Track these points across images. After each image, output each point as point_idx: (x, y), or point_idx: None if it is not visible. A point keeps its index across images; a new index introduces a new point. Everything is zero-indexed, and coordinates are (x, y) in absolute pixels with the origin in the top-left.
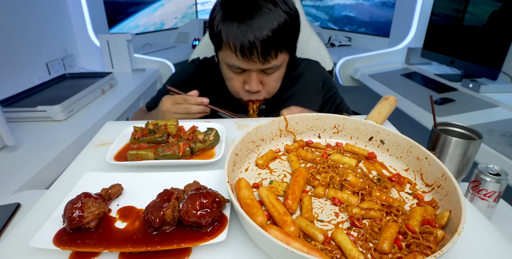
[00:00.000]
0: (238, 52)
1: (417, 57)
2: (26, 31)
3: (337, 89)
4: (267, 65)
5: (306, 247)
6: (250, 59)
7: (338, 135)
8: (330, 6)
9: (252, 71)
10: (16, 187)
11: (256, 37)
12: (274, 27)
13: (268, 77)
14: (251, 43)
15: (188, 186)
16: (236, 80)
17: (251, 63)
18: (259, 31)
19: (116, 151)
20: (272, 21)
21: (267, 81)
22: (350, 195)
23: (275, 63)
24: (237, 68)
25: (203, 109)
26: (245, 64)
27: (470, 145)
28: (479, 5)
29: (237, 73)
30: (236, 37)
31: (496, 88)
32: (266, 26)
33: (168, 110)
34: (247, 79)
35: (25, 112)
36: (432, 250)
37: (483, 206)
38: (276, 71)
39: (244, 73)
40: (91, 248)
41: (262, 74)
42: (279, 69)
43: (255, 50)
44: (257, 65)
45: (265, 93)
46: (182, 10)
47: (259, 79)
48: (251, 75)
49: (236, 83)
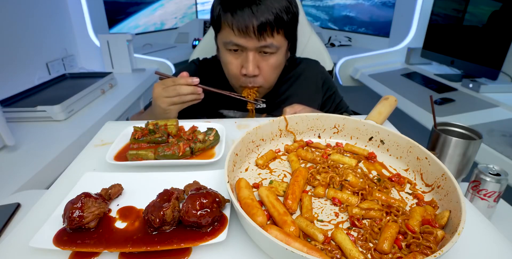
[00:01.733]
0: (235, 27)
1: (417, 57)
2: (26, 31)
3: (336, 88)
4: (263, 42)
5: (306, 247)
6: (246, 33)
7: (338, 135)
8: (330, 6)
9: (249, 50)
10: (16, 187)
11: (253, 11)
12: (274, 9)
13: (265, 61)
14: (248, 19)
15: (188, 186)
16: (233, 64)
17: (247, 38)
18: (257, 10)
19: (116, 151)
20: (273, 4)
21: (264, 66)
22: (350, 195)
23: (271, 41)
24: (234, 45)
25: (193, 89)
26: (241, 39)
27: (470, 145)
28: (479, 5)
29: (234, 54)
30: (234, 12)
31: (496, 88)
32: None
33: (159, 95)
34: (244, 63)
35: (25, 112)
36: (432, 250)
37: (483, 206)
38: (274, 56)
39: (242, 54)
40: (91, 248)
41: (259, 56)
42: (277, 53)
43: (251, 25)
44: (253, 41)
45: (262, 79)
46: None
47: (256, 62)
48: (248, 56)
49: (233, 67)
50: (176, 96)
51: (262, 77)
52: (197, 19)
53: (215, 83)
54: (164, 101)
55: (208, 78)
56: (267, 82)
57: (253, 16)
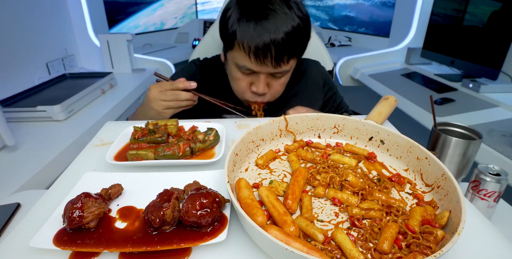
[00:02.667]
0: (252, 54)
1: (417, 57)
2: (26, 31)
3: (337, 88)
4: (278, 69)
5: (306, 247)
6: (263, 62)
7: (338, 135)
8: (330, 6)
9: (262, 73)
10: (16, 187)
11: (272, 40)
12: (289, 31)
13: (276, 81)
14: (266, 46)
15: (188, 186)
16: (243, 81)
17: (263, 66)
18: (274, 34)
19: (116, 151)
20: (287, 25)
21: (274, 85)
22: (350, 195)
23: (285, 68)
24: (247, 70)
25: (191, 96)
26: (257, 67)
27: (470, 145)
28: (479, 5)
29: (246, 74)
30: (252, 39)
31: (496, 88)
32: (281, 29)
33: (155, 97)
34: (255, 81)
35: (25, 112)
36: (432, 250)
37: (483, 206)
38: (284, 76)
39: (253, 75)
40: (91, 248)
41: (270, 77)
42: (287, 73)
43: (269, 54)
44: (268, 69)
45: (269, 96)
46: (182, 10)
47: (266, 82)
48: (260, 78)
49: (242, 84)
50: (173, 100)
51: (270, 94)
52: (197, 19)
53: (216, 84)
54: (160, 104)
55: (209, 79)
56: (274, 97)
57: (272, 47)
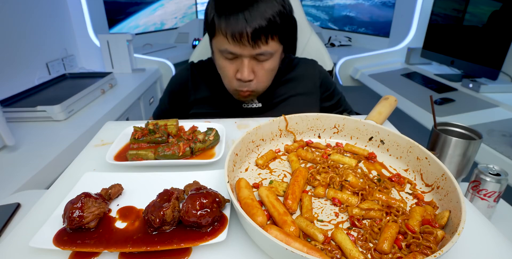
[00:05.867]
0: (229, 36)
1: (417, 57)
2: (26, 31)
3: (335, 85)
4: (257, 50)
5: (306, 247)
6: (240, 42)
7: (338, 135)
8: (330, 6)
9: (244, 57)
10: (16, 187)
11: (247, 21)
12: (267, 15)
13: (260, 66)
14: (241, 27)
15: (188, 186)
16: (229, 69)
17: (242, 46)
18: (251, 17)
19: (116, 151)
20: (265, 10)
21: (259, 70)
22: (350, 195)
23: (266, 49)
24: (229, 54)
25: None
26: (235, 48)
27: (470, 145)
28: (479, 5)
29: (229, 59)
30: (227, 20)
31: (496, 88)
32: (258, 12)
33: None
34: (239, 67)
35: (25, 112)
36: (432, 250)
37: (483, 206)
38: (269, 60)
39: (237, 60)
40: (91, 248)
41: (254, 62)
42: (272, 58)
43: (245, 33)
44: (248, 49)
45: (256, 83)
46: (182, 10)
47: (251, 67)
48: (243, 62)
49: (229, 72)
50: None
51: (256, 81)
52: (197, 19)
53: (210, 85)
54: None
55: (203, 81)
56: (261, 86)
57: (246, 24)
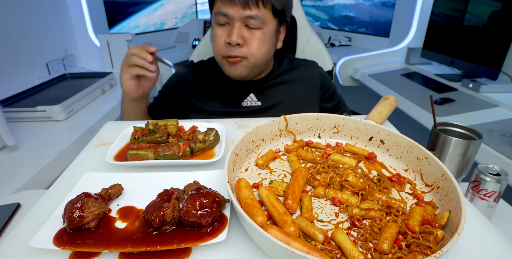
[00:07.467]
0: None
1: (417, 57)
2: (26, 31)
3: (335, 87)
4: (248, 11)
5: (306, 247)
6: (232, 1)
7: (338, 135)
8: (330, 6)
9: (235, 20)
10: (16, 187)
11: None
12: None
13: (251, 33)
14: None
15: (188, 186)
16: (221, 37)
17: (233, 6)
18: None
19: (116, 151)
20: None
21: (249, 38)
22: (350, 195)
23: (256, 12)
24: (221, 16)
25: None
26: (227, 8)
27: (470, 145)
28: (479, 5)
29: (222, 26)
30: None
31: (496, 88)
32: None
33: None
34: (229, 33)
35: (25, 112)
36: (432, 250)
37: (483, 206)
38: (260, 30)
39: (228, 26)
40: (91, 248)
41: (245, 29)
42: (264, 29)
43: None
44: (238, 9)
45: (246, 50)
46: (182, 10)
47: (240, 32)
48: (233, 25)
49: (220, 40)
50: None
51: (246, 48)
52: (197, 19)
53: (210, 84)
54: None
55: (205, 80)
56: (252, 55)
57: None
